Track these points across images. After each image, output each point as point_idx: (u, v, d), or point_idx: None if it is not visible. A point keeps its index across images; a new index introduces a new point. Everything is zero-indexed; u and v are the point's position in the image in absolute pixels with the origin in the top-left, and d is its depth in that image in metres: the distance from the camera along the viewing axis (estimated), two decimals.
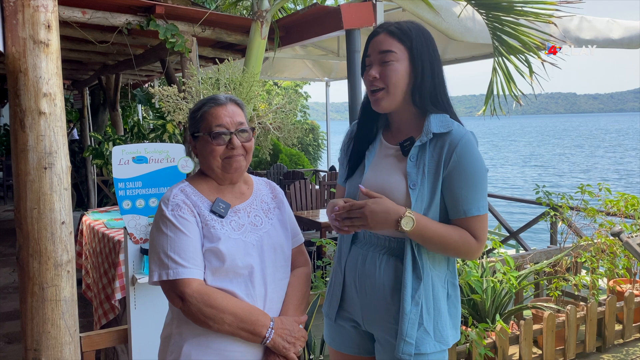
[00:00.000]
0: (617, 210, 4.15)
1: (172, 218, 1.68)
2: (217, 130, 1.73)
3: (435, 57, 1.78)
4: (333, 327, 1.98)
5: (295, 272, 1.89)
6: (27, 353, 2.21)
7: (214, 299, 1.63)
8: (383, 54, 1.76)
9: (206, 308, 1.62)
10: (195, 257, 1.66)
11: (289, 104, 3.84)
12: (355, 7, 4.22)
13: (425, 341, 1.75)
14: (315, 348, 3.11)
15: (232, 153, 1.73)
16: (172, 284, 1.65)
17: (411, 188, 1.73)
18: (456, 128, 1.74)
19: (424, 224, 1.69)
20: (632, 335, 3.96)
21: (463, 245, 1.72)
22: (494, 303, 3.45)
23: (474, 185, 1.71)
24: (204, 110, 1.76)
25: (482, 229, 1.74)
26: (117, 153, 2.62)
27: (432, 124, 1.75)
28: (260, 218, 1.83)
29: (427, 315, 1.76)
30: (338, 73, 8.99)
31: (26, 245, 2.16)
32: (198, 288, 1.63)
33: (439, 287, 1.79)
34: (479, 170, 1.72)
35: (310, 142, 17.88)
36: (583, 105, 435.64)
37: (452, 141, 1.71)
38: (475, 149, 1.73)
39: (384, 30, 1.78)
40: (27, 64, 2.09)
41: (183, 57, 4.53)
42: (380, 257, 1.80)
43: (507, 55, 4.03)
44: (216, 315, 1.62)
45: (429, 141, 1.75)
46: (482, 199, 1.73)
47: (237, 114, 1.77)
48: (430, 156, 1.74)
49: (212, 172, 1.78)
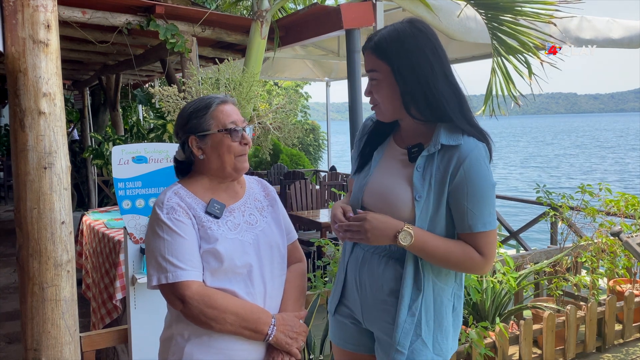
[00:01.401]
0: (617, 210, 4.15)
1: (168, 221, 1.68)
2: (232, 126, 1.74)
3: (422, 62, 1.68)
4: (334, 322, 1.98)
5: (291, 269, 1.90)
6: (27, 353, 2.21)
7: (214, 300, 1.63)
8: (370, 73, 1.76)
9: (208, 309, 1.62)
10: (193, 259, 1.66)
11: (289, 104, 3.84)
12: (355, 7, 4.22)
13: (422, 353, 1.74)
14: (315, 348, 3.11)
15: (244, 150, 1.76)
16: (171, 287, 1.64)
17: (416, 200, 1.70)
18: (466, 141, 1.68)
19: (424, 239, 1.67)
20: (632, 335, 3.95)
21: (466, 261, 1.70)
22: (493, 303, 3.45)
23: (480, 201, 1.67)
24: (212, 108, 1.76)
25: (488, 245, 1.70)
26: (116, 153, 2.62)
27: (442, 135, 1.70)
28: (255, 217, 1.83)
29: (427, 327, 1.74)
30: (338, 73, 8.99)
31: (26, 245, 2.16)
32: (198, 290, 1.63)
33: (445, 301, 1.77)
34: (486, 185, 1.67)
35: (311, 142, 17.88)
36: (584, 105, 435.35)
37: (460, 155, 1.66)
38: (484, 164, 1.68)
39: (367, 48, 1.76)
40: (27, 64, 2.09)
41: (183, 57, 4.53)
42: (380, 259, 1.80)
43: (507, 56, 4.03)
44: (218, 316, 1.62)
45: (437, 152, 1.71)
46: (489, 215, 1.69)
47: (238, 112, 1.80)
48: (437, 168, 1.70)
49: (223, 171, 1.77)
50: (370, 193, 1.83)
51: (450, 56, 7.35)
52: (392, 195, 1.76)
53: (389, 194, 1.77)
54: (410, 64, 1.68)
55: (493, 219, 1.71)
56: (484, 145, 1.71)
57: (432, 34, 1.75)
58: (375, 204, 1.80)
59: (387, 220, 1.69)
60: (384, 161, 1.86)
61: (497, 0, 3.90)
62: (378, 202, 1.79)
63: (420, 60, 1.68)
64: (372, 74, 1.75)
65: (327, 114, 10.19)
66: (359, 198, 1.85)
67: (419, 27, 1.73)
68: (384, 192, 1.78)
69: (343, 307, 1.94)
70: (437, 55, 1.72)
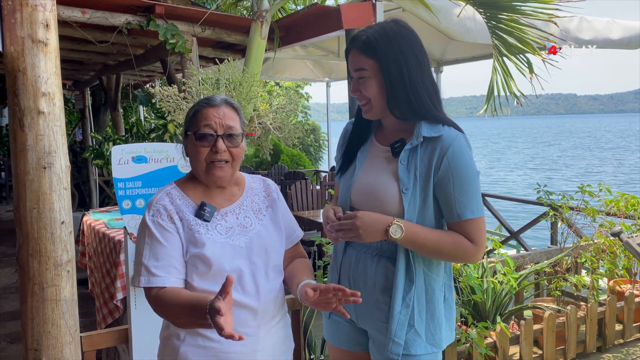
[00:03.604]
0: (617, 210, 4.15)
1: (151, 224, 1.66)
2: (203, 131, 1.67)
3: (408, 61, 1.71)
4: (330, 323, 2.00)
5: (297, 260, 1.87)
6: (27, 353, 2.21)
7: (162, 299, 1.60)
8: (357, 72, 1.76)
9: (160, 310, 1.61)
10: (168, 265, 1.63)
11: (289, 104, 3.84)
12: (355, 7, 4.22)
13: (416, 343, 1.76)
14: (315, 348, 3.11)
15: (215, 157, 1.66)
16: (145, 291, 1.65)
17: (403, 192, 1.74)
18: (447, 132, 1.72)
19: (414, 231, 1.70)
20: (632, 335, 3.95)
21: (458, 250, 1.73)
22: (494, 303, 3.44)
23: (466, 189, 1.71)
24: (196, 109, 1.72)
25: (478, 232, 1.73)
26: (116, 153, 2.62)
27: (423, 127, 1.74)
28: (250, 219, 1.78)
29: (419, 317, 1.77)
30: (338, 73, 9.00)
31: (26, 245, 2.16)
32: (156, 294, 1.61)
33: (437, 291, 1.80)
34: (471, 173, 1.71)
35: (312, 143, 17.91)
36: (583, 106, 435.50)
37: (442, 146, 1.71)
38: (466, 152, 1.73)
39: (353, 46, 1.77)
40: (26, 63, 2.09)
41: (183, 57, 4.53)
42: (372, 258, 1.82)
43: (508, 55, 4.03)
44: (167, 313, 1.60)
45: (419, 144, 1.74)
46: (476, 202, 1.72)
47: (228, 117, 1.70)
48: (421, 160, 1.74)
49: (199, 175, 1.73)
50: (357, 192, 1.85)
51: (450, 56, 7.38)
52: (379, 190, 1.78)
53: (376, 190, 1.79)
54: (397, 61, 1.71)
55: (481, 206, 1.75)
56: (464, 135, 1.76)
57: (415, 33, 1.79)
58: (363, 202, 1.82)
59: (377, 216, 1.71)
60: (368, 160, 1.88)
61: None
62: (366, 200, 1.81)
63: (409, 58, 1.72)
64: (360, 72, 1.76)
65: (328, 114, 10.19)
66: (347, 199, 1.87)
67: (405, 26, 1.77)
68: (371, 189, 1.80)
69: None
70: (422, 52, 1.77)
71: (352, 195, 1.86)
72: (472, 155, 1.75)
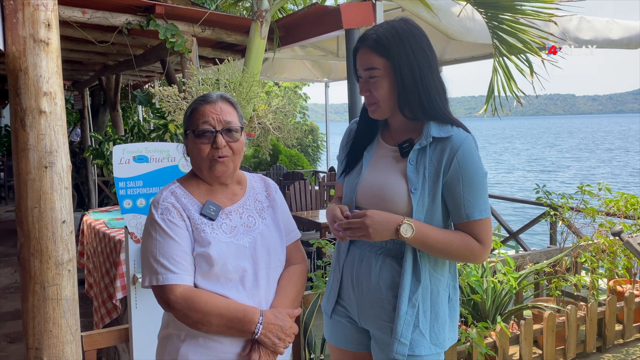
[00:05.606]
0: (617, 210, 4.15)
1: (161, 222, 1.66)
2: (202, 128, 1.68)
3: (420, 60, 1.72)
4: (331, 323, 1.99)
5: (289, 269, 1.84)
6: (28, 352, 2.21)
7: (197, 303, 1.60)
8: (368, 71, 1.75)
9: (191, 312, 1.60)
10: (183, 262, 1.64)
11: (288, 105, 3.83)
12: (355, 7, 4.22)
13: (420, 343, 1.76)
14: (316, 348, 3.10)
15: (217, 154, 1.68)
16: (159, 290, 1.63)
17: (412, 192, 1.73)
18: (456, 133, 1.73)
19: (424, 231, 1.70)
20: (632, 335, 3.95)
21: (467, 250, 1.73)
22: (494, 303, 3.44)
23: (475, 190, 1.71)
24: (193, 107, 1.73)
25: (486, 232, 1.73)
26: (117, 152, 2.62)
27: (432, 128, 1.74)
28: (254, 218, 1.78)
29: (424, 317, 1.77)
30: (337, 74, 9.00)
31: (27, 245, 2.16)
32: (182, 294, 1.61)
33: (441, 291, 1.80)
34: (479, 174, 1.72)
35: (310, 143, 17.92)
36: (582, 106, 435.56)
37: (452, 146, 1.71)
38: (476, 153, 1.73)
39: (364, 45, 1.76)
40: (28, 63, 2.09)
41: (183, 57, 4.54)
42: (377, 257, 1.81)
43: (508, 55, 4.03)
44: (203, 319, 1.60)
45: (429, 144, 1.74)
46: (484, 202, 1.73)
47: (226, 112, 1.71)
48: (430, 160, 1.73)
49: (201, 173, 1.74)
50: (364, 191, 1.84)
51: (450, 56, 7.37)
52: (387, 190, 1.77)
53: (384, 189, 1.78)
54: (408, 57, 1.71)
55: (488, 206, 1.75)
56: (472, 136, 1.76)
57: (425, 33, 1.79)
58: (370, 202, 1.81)
59: (387, 215, 1.71)
60: (375, 160, 1.87)
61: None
62: (373, 199, 1.80)
63: (420, 57, 1.72)
64: (370, 72, 1.75)
65: (326, 115, 10.19)
66: (353, 198, 1.86)
67: (414, 25, 1.78)
68: (379, 188, 1.79)
69: (339, 307, 1.95)
70: (432, 51, 1.77)
71: (358, 194, 1.85)
72: (480, 156, 1.76)
